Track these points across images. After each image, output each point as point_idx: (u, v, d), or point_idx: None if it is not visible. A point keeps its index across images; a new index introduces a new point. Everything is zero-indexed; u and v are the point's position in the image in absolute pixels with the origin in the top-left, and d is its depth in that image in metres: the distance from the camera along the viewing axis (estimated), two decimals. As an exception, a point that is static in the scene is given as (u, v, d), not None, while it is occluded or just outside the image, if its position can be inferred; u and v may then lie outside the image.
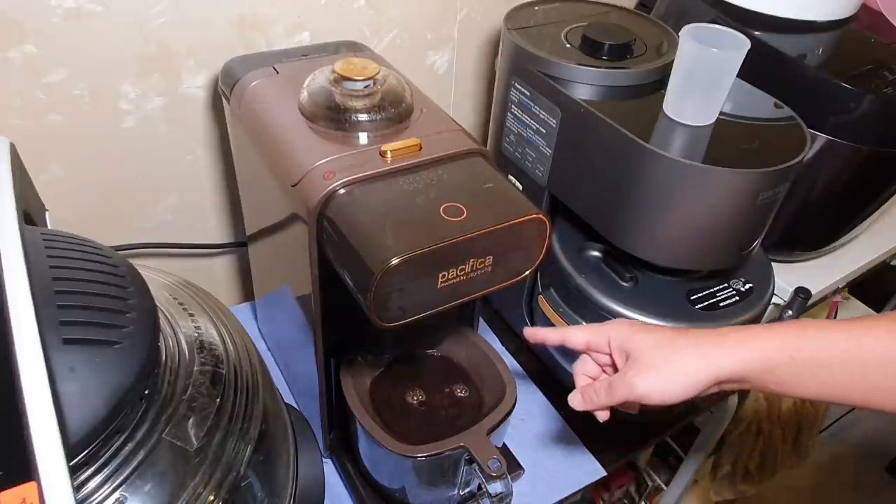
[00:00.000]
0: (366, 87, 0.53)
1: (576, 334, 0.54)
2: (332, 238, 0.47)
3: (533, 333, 0.57)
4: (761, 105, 0.62)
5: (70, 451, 0.31)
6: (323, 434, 0.66)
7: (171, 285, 0.51)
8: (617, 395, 0.48)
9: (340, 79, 0.52)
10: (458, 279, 0.45)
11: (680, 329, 0.49)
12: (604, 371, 0.54)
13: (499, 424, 0.59)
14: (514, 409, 0.61)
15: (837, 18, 0.77)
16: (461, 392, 0.66)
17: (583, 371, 0.55)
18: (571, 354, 0.71)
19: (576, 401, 0.53)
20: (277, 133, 0.53)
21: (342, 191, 0.47)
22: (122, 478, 0.35)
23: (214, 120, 0.73)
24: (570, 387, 0.54)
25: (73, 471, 0.31)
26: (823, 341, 0.43)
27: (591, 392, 0.51)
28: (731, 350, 0.45)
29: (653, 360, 0.47)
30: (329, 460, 0.70)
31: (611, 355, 0.51)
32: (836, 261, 0.92)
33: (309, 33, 0.73)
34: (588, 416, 0.53)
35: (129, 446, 0.36)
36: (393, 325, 0.45)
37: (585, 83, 0.61)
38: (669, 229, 0.59)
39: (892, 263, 1.04)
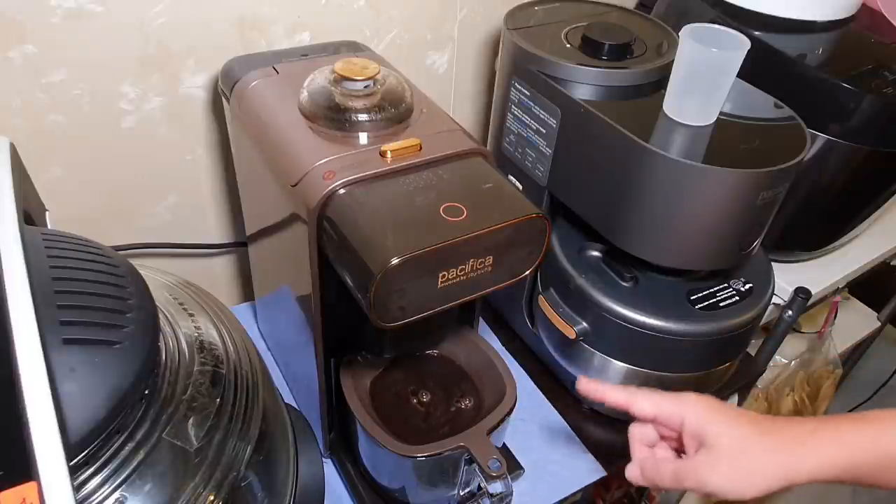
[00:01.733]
0: (366, 87, 0.53)
1: (644, 404, 0.50)
2: (332, 238, 0.47)
3: (589, 387, 0.52)
4: (761, 105, 0.62)
5: (70, 451, 0.31)
6: (323, 434, 0.66)
7: (171, 285, 0.51)
8: (684, 484, 0.46)
9: (340, 79, 0.52)
10: (458, 279, 0.45)
11: (761, 417, 0.47)
12: (662, 438, 0.51)
13: (499, 424, 0.59)
14: (514, 409, 0.61)
15: (837, 18, 0.77)
16: (461, 392, 0.66)
17: (640, 436, 0.51)
18: (574, 358, 0.71)
19: (633, 474, 0.50)
20: (277, 133, 0.53)
21: (342, 191, 0.47)
22: (122, 478, 0.35)
23: (214, 120, 0.73)
24: (571, 387, 0.54)
25: (73, 471, 0.31)
26: None
27: (652, 471, 0.48)
28: (807, 458, 0.43)
29: (731, 455, 0.45)
30: (329, 460, 0.70)
31: (680, 434, 0.48)
32: (836, 261, 0.92)
33: (309, 33, 0.73)
34: (588, 416, 0.53)
35: (129, 446, 0.36)
36: (393, 325, 0.45)
37: (585, 83, 0.61)
38: (669, 229, 0.59)
39: (892, 263, 1.04)
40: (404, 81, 0.56)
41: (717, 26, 0.56)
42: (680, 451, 0.50)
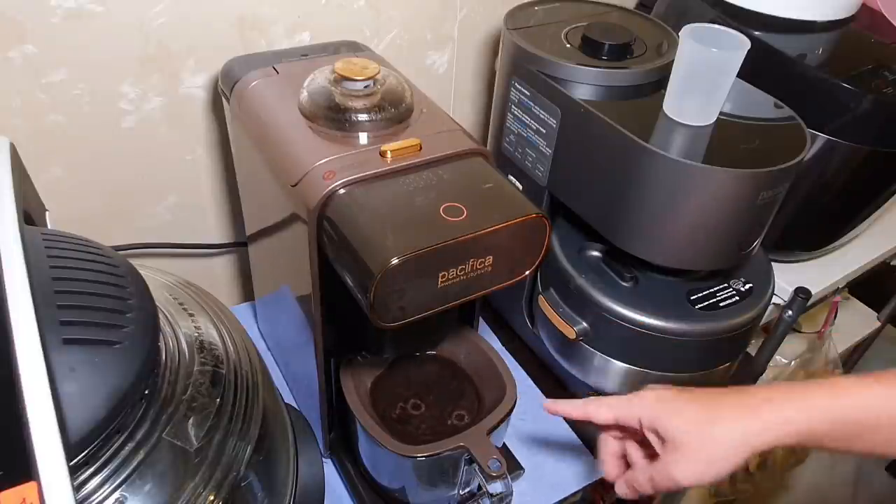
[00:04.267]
0: (366, 87, 0.53)
1: (600, 410, 0.52)
2: (332, 238, 0.47)
3: (552, 406, 0.56)
4: (761, 105, 0.62)
5: (70, 451, 0.31)
6: (323, 434, 0.66)
7: (171, 285, 0.51)
8: (660, 486, 0.48)
9: (340, 79, 0.52)
10: (458, 279, 0.45)
11: (710, 396, 0.47)
12: (638, 442, 0.53)
13: (499, 424, 0.59)
14: (514, 409, 0.61)
15: (837, 18, 0.77)
16: (461, 392, 0.66)
17: (608, 451, 0.54)
18: (574, 358, 0.71)
19: (622, 489, 0.52)
20: (277, 133, 0.53)
21: (342, 191, 0.47)
22: (122, 478, 0.35)
23: (214, 120, 0.73)
24: (571, 387, 0.54)
25: (73, 471, 0.31)
26: (860, 405, 0.43)
27: (632, 483, 0.51)
28: (766, 423, 0.44)
29: (690, 445, 0.46)
30: (329, 460, 0.70)
31: (642, 432, 0.50)
32: (836, 261, 0.92)
33: (309, 33, 0.73)
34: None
35: (129, 446, 0.36)
36: (393, 325, 0.45)
37: (585, 83, 0.61)
38: (669, 229, 0.58)
39: (892, 263, 1.04)
40: (404, 81, 0.56)
41: (717, 26, 0.56)
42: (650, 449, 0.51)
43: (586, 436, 0.74)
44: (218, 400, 0.42)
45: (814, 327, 1.24)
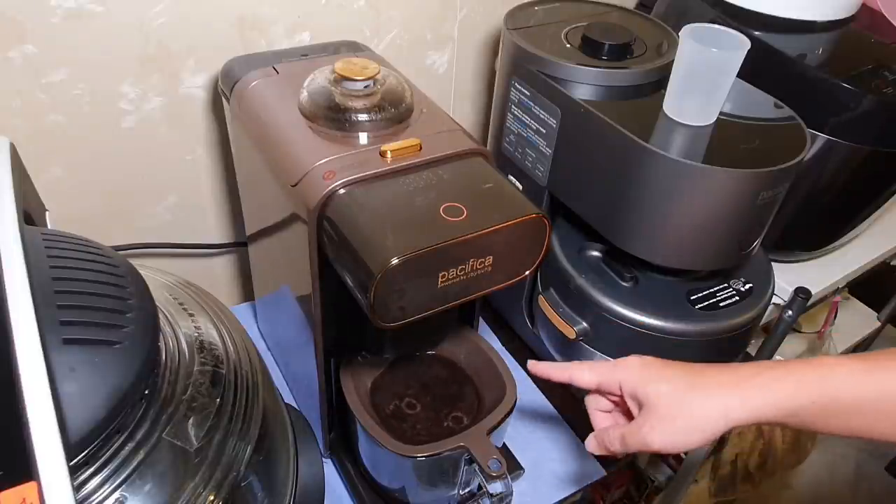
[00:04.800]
0: (366, 87, 0.53)
1: (583, 374, 0.52)
2: (332, 238, 0.47)
3: (535, 366, 0.55)
4: (761, 105, 0.62)
5: (70, 451, 0.31)
6: (323, 434, 0.66)
7: (171, 285, 0.51)
8: (631, 447, 0.48)
9: (340, 79, 0.52)
10: (458, 279, 0.45)
11: (694, 368, 0.47)
12: (616, 406, 0.53)
13: (499, 424, 0.59)
14: (514, 409, 0.61)
15: (837, 18, 0.77)
16: (461, 392, 0.66)
17: (596, 406, 0.53)
18: (574, 358, 0.71)
19: (591, 445, 0.52)
20: (277, 133, 0.53)
21: (342, 191, 0.47)
22: (122, 478, 0.35)
23: (214, 120, 0.73)
24: (571, 387, 0.54)
25: (73, 471, 0.31)
26: (846, 384, 0.42)
27: (605, 440, 0.50)
28: (747, 398, 0.44)
29: (667, 411, 0.46)
30: (329, 460, 0.70)
31: (622, 397, 0.50)
32: (836, 261, 0.92)
33: (309, 33, 0.73)
34: (588, 416, 0.53)
35: (129, 446, 0.36)
36: (393, 325, 0.45)
37: (585, 83, 0.61)
38: (669, 229, 0.59)
39: (892, 263, 1.04)
40: (404, 81, 0.56)
41: (717, 26, 0.56)
42: (630, 414, 0.51)
43: (586, 436, 0.74)
44: (218, 400, 0.42)
45: (814, 327, 1.24)
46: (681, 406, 0.45)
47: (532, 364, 0.56)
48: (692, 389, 0.45)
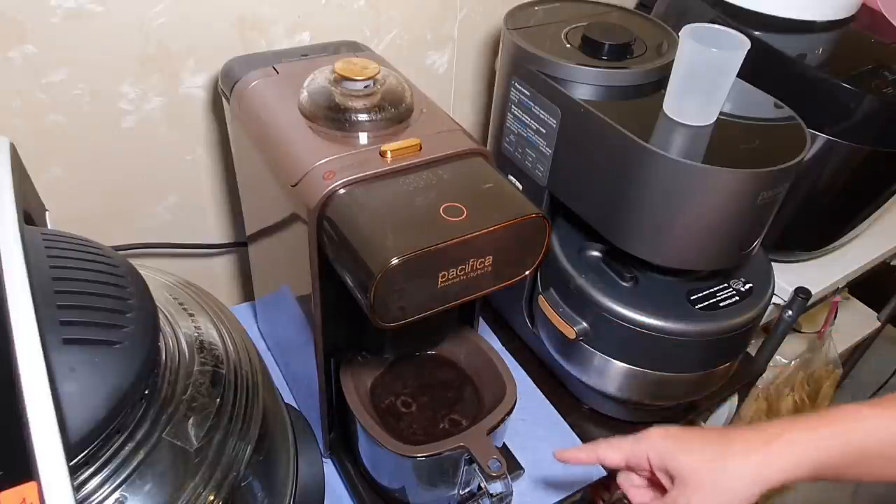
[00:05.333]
0: (366, 87, 0.53)
1: (611, 455, 0.52)
2: (332, 238, 0.47)
3: (563, 454, 0.56)
4: (761, 105, 0.62)
5: (70, 451, 0.31)
6: (323, 434, 0.66)
7: (171, 285, 0.51)
8: None
9: (340, 79, 0.52)
10: (458, 279, 0.45)
11: (720, 434, 0.47)
12: (648, 481, 0.53)
13: (499, 424, 0.59)
14: (514, 409, 0.61)
15: (837, 18, 0.77)
16: (461, 392, 0.66)
17: (630, 484, 0.54)
18: (574, 358, 0.71)
19: None
20: (277, 133, 0.53)
21: (342, 191, 0.47)
22: (122, 478, 0.35)
23: (214, 120, 0.73)
24: (571, 387, 0.54)
25: (73, 471, 0.31)
26: (874, 433, 0.43)
27: None
28: (778, 456, 0.44)
29: (702, 482, 0.45)
30: (329, 460, 0.70)
31: (652, 472, 0.50)
32: (836, 261, 0.92)
33: (309, 33, 0.73)
34: (588, 416, 0.53)
35: (129, 446, 0.36)
36: (393, 325, 0.45)
37: (585, 83, 0.61)
38: (669, 229, 0.59)
39: (892, 263, 1.04)
40: (404, 81, 0.56)
41: (717, 26, 0.56)
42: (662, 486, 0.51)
43: (586, 436, 0.74)
44: (218, 400, 0.42)
45: (814, 327, 1.24)
46: (714, 476, 0.45)
47: (559, 453, 0.56)
48: (723, 458, 0.45)
